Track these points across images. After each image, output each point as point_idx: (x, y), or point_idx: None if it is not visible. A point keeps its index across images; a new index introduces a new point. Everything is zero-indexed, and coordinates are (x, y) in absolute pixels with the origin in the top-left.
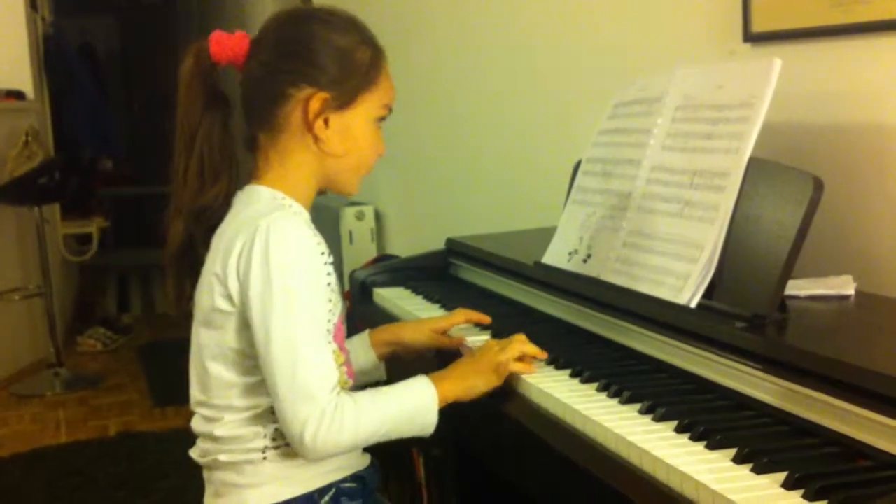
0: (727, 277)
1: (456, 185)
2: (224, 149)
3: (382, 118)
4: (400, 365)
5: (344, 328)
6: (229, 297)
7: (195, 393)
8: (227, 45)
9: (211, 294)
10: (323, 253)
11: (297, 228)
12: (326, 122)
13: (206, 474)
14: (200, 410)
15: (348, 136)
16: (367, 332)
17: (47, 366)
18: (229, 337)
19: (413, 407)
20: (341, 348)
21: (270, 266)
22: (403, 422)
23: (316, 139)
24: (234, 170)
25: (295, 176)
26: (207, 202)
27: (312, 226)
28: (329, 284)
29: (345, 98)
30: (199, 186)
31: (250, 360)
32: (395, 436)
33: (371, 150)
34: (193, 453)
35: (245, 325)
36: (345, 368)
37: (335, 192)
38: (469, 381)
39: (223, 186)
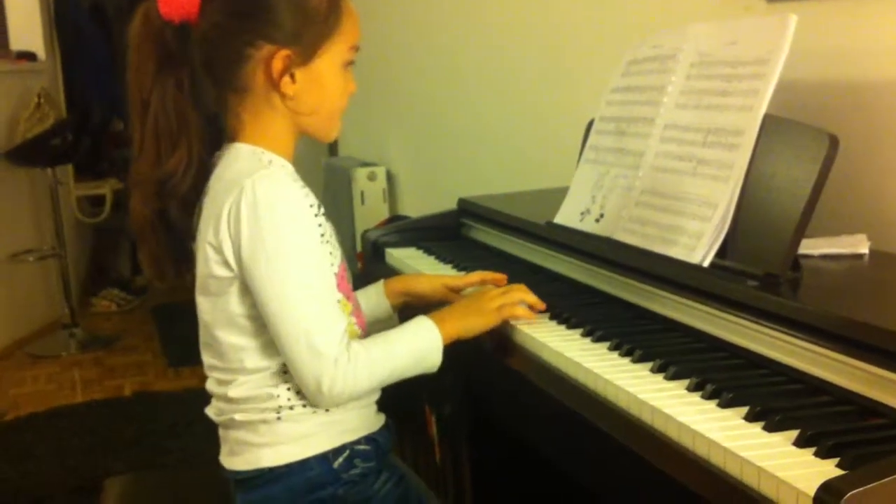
0: (740, 236)
1: (468, 146)
2: (180, 115)
3: (351, 62)
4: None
5: (348, 275)
6: (226, 263)
7: (207, 358)
8: (175, 2)
9: (207, 262)
10: (312, 205)
11: (282, 184)
12: (292, 76)
13: (221, 432)
14: (213, 374)
15: (317, 87)
16: (381, 281)
17: (62, 326)
18: (232, 302)
19: (421, 350)
20: (347, 297)
21: (260, 226)
22: (412, 364)
23: (283, 97)
24: (193, 136)
25: (271, 132)
26: (168, 172)
27: (298, 178)
28: (322, 235)
29: (308, 51)
30: (156, 157)
31: (256, 321)
32: (403, 377)
33: (341, 96)
34: (210, 411)
35: (246, 289)
36: (353, 319)
37: (315, 140)
38: (468, 321)
39: (183, 154)
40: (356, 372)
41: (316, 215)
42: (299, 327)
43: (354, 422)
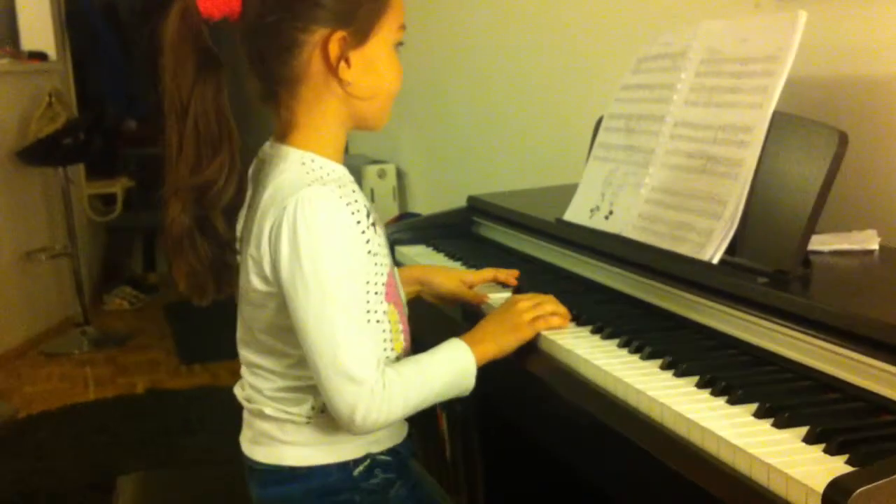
0: (750, 233)
1: (477, 143)
2: (221, 117)
3: (400, 42)
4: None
5: (396, 282)
6: (265, 278)
7: (246, 354)
8: None
9: (248, 273)
10: (360, 221)
11: (327, 204)
12: (347, 61)
13: (246, 416)
14: (252, 369)
15: (372, 71)
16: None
17: (75, 325)
18: (273, 315)
19: (454, 374)
20: (396, 304)
21: (299, 251)
22: (445, 390)
23: (341, 83)
24: (234, 138)
25: (324, 127)
26: (209, 178)
27: (350, 181)
28: (370, 251)
29: (362, 32)
30: (197, 162)
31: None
32: (436, 402)
33: (396, 79)
34: (238, 394)
35: (286, 305)
36: (400, 326)
37: (365, 130)
38: (503, 340)
39: (225, 158)
40: (391, 401)
41: (363, 231)
42: (337, 356)
43: (380, 433)
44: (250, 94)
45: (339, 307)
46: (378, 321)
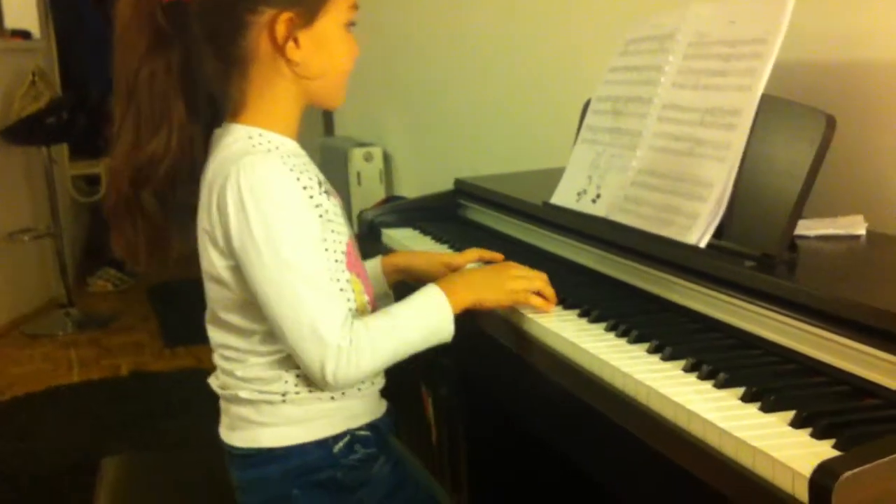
0: (737, 217)
1: (464, 126)
2: (164, 99)
3: (352, 22)
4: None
5: (356, 252)
6: (221, 250)
7: (214, 335)
8: None
9: (206, 249)
10: (306, 186)
11: (268, 169)
12: (296, 41)
13: (223, 404)
14: (222, 352)
15: (322, 51)
16: (378, 258)
17: (58, 306)
18: (235, 289)
19: (429, 322)
20: (358, 274)
21: (246, 215)
22: (421, 339)
23: (289, 63)
24: (175, 123)
25: (274, 106)
26: (145, 158)
27: (300, 154)
28: (321, 216)
29: (309, 12)
30: (135, 141)
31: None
32: (416, 351)
33: (348, 58)
34: (213, 383)
35: (244, 275)
36: (366, 297)
37: (321, 108)
38: (480, 294)
39: (163, 140)
40: (360, 353)
41: (312, 196)
42: (300, 316)
43: (358, 409)
44: (206, 75)
45: (295, 269)
46: (342, 289)
